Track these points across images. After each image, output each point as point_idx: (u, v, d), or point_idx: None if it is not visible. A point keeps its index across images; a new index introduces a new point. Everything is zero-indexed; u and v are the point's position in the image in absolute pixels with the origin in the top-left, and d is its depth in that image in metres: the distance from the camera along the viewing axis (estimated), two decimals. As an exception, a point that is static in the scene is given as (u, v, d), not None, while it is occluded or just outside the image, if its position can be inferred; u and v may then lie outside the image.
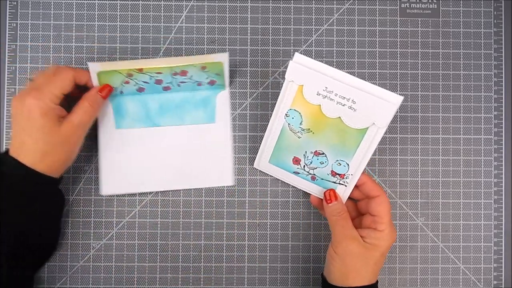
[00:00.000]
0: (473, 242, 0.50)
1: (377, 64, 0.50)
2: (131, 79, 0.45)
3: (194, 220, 0.49)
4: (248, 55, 0.49)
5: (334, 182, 0.45)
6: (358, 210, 0.46)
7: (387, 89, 0.49)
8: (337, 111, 0.41)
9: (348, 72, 0.49)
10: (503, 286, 0.50)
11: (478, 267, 0.50)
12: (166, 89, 0.47)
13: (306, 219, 0.49)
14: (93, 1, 0.49)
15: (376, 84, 0.50)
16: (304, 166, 0.45)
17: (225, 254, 0.49)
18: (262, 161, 0.47)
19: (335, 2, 0.50)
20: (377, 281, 0.42)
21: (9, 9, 0.49)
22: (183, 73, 0.45)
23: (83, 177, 0.49)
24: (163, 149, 0.48)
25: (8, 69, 0.49)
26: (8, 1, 0.49)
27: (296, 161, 0.45)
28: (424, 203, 0.50)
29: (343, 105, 0.40)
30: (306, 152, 0.44)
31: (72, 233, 0.48)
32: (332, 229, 0.43)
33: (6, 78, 0.48)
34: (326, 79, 0.40)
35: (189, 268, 0.49)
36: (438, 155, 0.50)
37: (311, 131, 0.43)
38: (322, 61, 0.50)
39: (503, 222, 0.50)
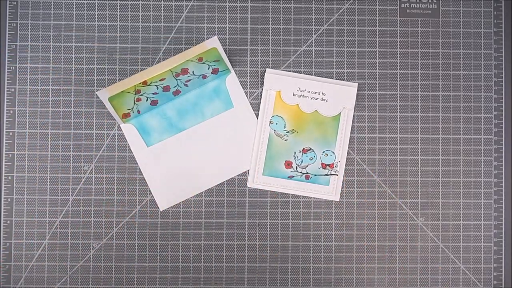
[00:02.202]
0: (473, 242, 0.50)
1: (377, 64, 0.50)
2: (141, 95, 0.46)
3: (194, 220, 0.49)
4: (248, 55, 0.49)
5: (327, 175, 0.48)
6: None
7: (387, 89, 0.50)
8: (313, 105, 0.48)
9: (348, 72, 0.50)
10: (503, 286, 0.50)
11: (478, 267, 0.50)
12: (176, 93, 0.48)
13: (306, 219, 0.49)
14: (93, 1, 0.49)
15: (376, 84, 0.50)
16: (296, 167, 0.48)
17: (225, 254, 0.49)
18: (257, 176, 0.48)
19: (335, 2, 0.50)
20: None
21: (9, 9, 0.49)
22: (184, 71, 0.45)
23: (83, 177, 0.49)
24: (196, 149, 0.49)
25: (8, 69, 0.49)
26: (8, 1, 0.49)
27: (288, 164, 0.48)
28: (424, 203, 0.50)
29: (316, 99, 0.48)
30: (295, 152, 0.48)
31: (72, 233, 0.48)
32: None
33: (6, 78, 0.48)
34: (297, 80, 0.48)
35: (189, 268, 0.49)
36: (438, 155, 0.50)
37: (295, 131, 0.48)
38: (322, 61, 0.50)
39: (503, 222, 0.50)
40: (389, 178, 0.50)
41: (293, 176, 0.48)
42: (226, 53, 0.47)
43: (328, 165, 0.48)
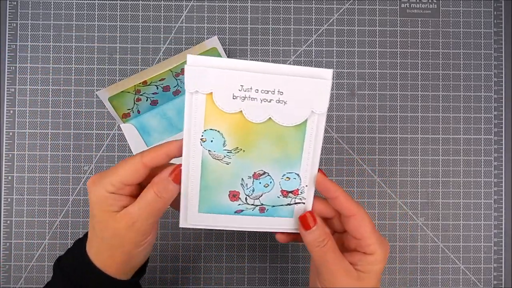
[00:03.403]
0: (473, 242, 0.50)
1: (377, 64, 0.50)
2: (140, 95, 0.45)
3: (194, 220, 0.49)
4: (248, 55, 0.49)
5: (289, 204, 0.35)
6: (331, 228, 0.37)
7: (387, 89, 0.50)
8: (265, 112, 0.32)
9: (348, 72, 0.50)
10: (503, 286, 0.50)
11: (478, 267, 0.50)
12: (176, 93, 0.48)
13: (306, 219, 0.49)
14: (93, 1, 0.49)
15: (376, 84, 0.50)
16: (246, 199, 0.35)
17: (225, 254, 0.49)
18: (190, 215, 0.35)
19: (335, 2, 0.50)
20: None
21: (9, 9, 0.49)
22: (184, 71, 0.45)
23: (83, 177, 0.49)
24: None
25: (8, 69, 0.49)
26: (8, 1, 0.49)
27: (234, 196, 0.34)
28: (424, 203, 0.50)
29: (270, 101, 0.31)
30: (242, 179, 0.34)
31: (72, 233, 0.48)
32: (318, 263, 0.34)
33: (6, 78, 0.48)
34: (239, 74, 0.31)
35: (189, 268, 0.49)
36: (438, 155, 0.50)
37: (241, 149, 0.33)
38: (322, 61, 0.50)
39: (503, 222, 0.50)
40: (389, 178, 0.50)
41: (242, 211, 0.35)
42: (226, 53, 0.47)
43: (291, 191, 0.34)
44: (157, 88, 0.46)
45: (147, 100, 0.47)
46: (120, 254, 0.33)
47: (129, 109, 0.47)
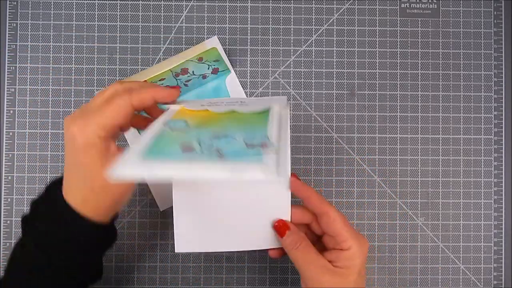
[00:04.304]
0: (473, 242, 0.50)
1: (377, 64, 0.50)
2: None
3: (194, 220, 0.49)
4: (248, 55, 0.49)
5: (256, 155, 0.28)
6: (313, 232, 0.39)
7: (387, 89, 0.50)
8: (228, 107, 0.34)
9: (348, 72, 0.50)
10: (503, 286, 0.50)
11: (478, 267, 0.50)
12: None
13: (306, 219, 0.49)
14: (93, 1, 0.49)
15: (376, 84, 0.50)
16: (202, 151, 0.29)
17: (225, 254, 0.49)
18: (130, 160, 0.28)
19: (335, 2, 0.50)
20: None
21: (9, 9, 0.49)
22: (184, 71, 0.45)
23: (83, 177, 0.49)
24: None
25: (8, 69, 0.49)
26: (8, 1, 0.49)
27: (188, 148, 0.29)
28: (424, 203, 0.50)
29: (233, 105, 0.35)
30: (200, 139, 0.30)
31: (72, 233, 0.48)
32: (297, 265, 0.36)
33: (6, 78, 0.48)
34: (202, 102, 0.35)
35: (189, 268, 0.49)
36: (438, 155, 0.50)
37: (203, 125, 0.32)
38: (322, 61, 0.50)
39: (503, 222, 0.50)
40: (389, 178, 0.50)
41: (196, 158, 0.28)
42: (226, 53, 0.47)
43: (257, 145, 0.29)
44: None
45: None
46: (109, 200, 0.33)
47: None
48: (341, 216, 0.36)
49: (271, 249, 0.39)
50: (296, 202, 0.38)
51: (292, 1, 0.50)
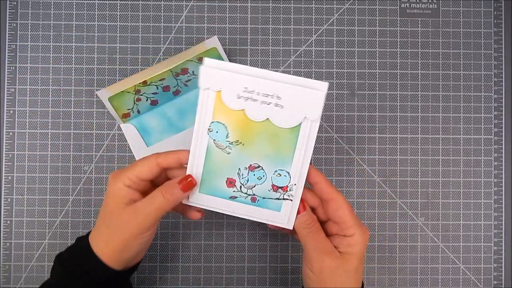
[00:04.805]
0: (473, 242, 0.50)
1: (377, 64, 0.50)
2: (140, 95, 0.46)
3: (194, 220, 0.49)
4: (248, 55, 0.49)
5: (278, 199, 0.38)
6: (318, 217, 0.40)
7: (387, 89, 0.50)
8: (263, 112, 0.36)
9: (348, 72, 0.50)
10: (503, 286, 0.50)
11: (478, 267, 0.50)
12: (176, 93, 0.48)
13: (306, 219, 0.49)
14: (93, 1, 0.49)
15: (376, 84, 0.50)
16: (240, 187, 0.38)
17: (225, 254, 0.49)
18: (192, 194, 0.39)
19: (335, 2, 0.50)
20: (363, 284, 0.40)
21: (9, 9, 0.49)
22: (184, 71, 0.45)
23: (83, 177, 0.49)
24: None
25: (8, 69, 0.49)
26: (8, 1, 0.49)
27: (231, 183, 0.38)
28: (424, 203, 0.50)
29: (268, 104, 0.36)
30: (239, 169, 0.38)
31: (72, 233, 0.48)
32: (304, 244, 0.38)
33: (6, 78, 0.48)
34: (244, 78, 0.35)
35: (189, 268, 0.49)
36: (438, 155, 0.50)
37: (241, 142, 0.37)
38: (322, 61, 0.50)
39: (503, 222, 0.50)
40: (389, 178, 0.50)
41: (236, 197, 0.39)
42: (226, 53, 0.47)
43: (281, 187, 0.38)
44: (157, 88, 0.46)
45: (147, 100, 0.47)
46: (117, 242, 0.36)
47: (129, 109, 0.47)
48: (347, 203, 0.38)
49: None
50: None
51: (292, 1, 0.50)
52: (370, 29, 0.50)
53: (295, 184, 0.38)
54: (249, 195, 0.39)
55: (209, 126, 0.37)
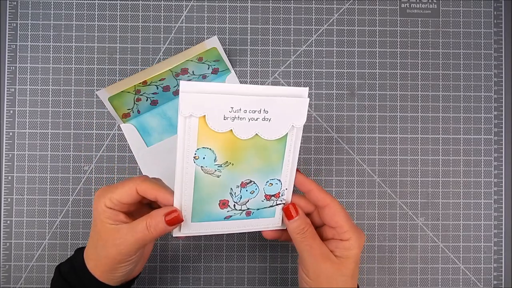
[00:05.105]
0: (473, 242, 0.50)
1: (377, 64, 0.50)
2: (140, 95, 0.45)
3: (194, 220, 0.49)
4: (248, 55, 0.49)
5: (272, 206, 0.39)
6: (312, 223, 0.40)
7: (387, 89, 0.50)
8: (252, 129, 0.35)
9: (348, 72, 0.50)
10: (503, 286, 0.50)
11: (478, 267, 0.50)
12: (176, 93, 0.48)
13: (306, 219, 0.49)
14: (93, 1, 0.49)
15: (376, 84, 0.50)
16: (234, 205, 0.38)
17: (225, 254, 0.49)
18: (184, 225, 0.37)
19: (335, 2, 0.50)
20: (358, 287, 0.40)
21: (9, 9, 0.49)
22: (184, 71, 0.45)
23: (83, 177, 0.49)
24: None
25: (8, 69, 0.49)
26: (8, 1, 0.49)
27: (224, 204, 0.38)
28: (424, 203, 0.50)
29: (256, 119, 0.35)
30: (231, 189, 0.37)
31: (72, 233, 0.48)
32: (299, 250, 0.38)
33: (6, 78, 0.48)
34: (229, 98, 0.34)
35: (189, 268, 0.49)
36: (438, 155, 0.50)
37: (230, 163, 0.36)
38: (322, 61, 0.50)
39: (503, 222, 0.50)
40: (389, 178, 0.50)
41: (231, 216, 0.38)
42: (226, 53, 0.47)
43: (273, 195, 0.38)
44: (157, 88, 0.46)
45: (147, 100, 0.47)
46: (104, 263, 0.36)
47: (129, 109, 0.47)
48: (342, 208, 0.38)
49: (267, 231, 0.41)
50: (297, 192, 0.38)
51: (292, 1, 0.50)
52: (370, 29, 0.50)
53: (286, 189, 0.39)
54: (243, 210, 0.38)
55: (195, 154, 0.35)
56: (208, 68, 0.46)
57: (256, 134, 0.35)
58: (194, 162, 0.35)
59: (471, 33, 0.50)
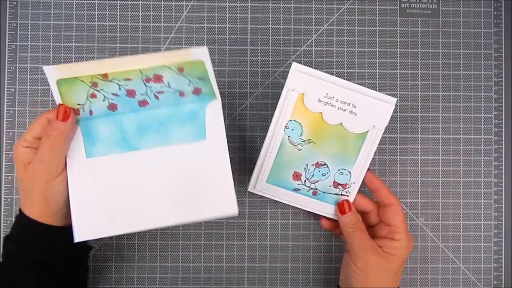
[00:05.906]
0: (473, 242, 0.50)
1: (377, 64, 0.50)
2: (97, 90, 0.37)
3: (194, 220, 0.49)
4: (248, 55, 0.49)
5: (336, 194, 0.43)
6: (367, 222, 0.44)
7: (387, 89, 0.50)
8: (338, 117, 0.41)
9: (348, 72, 0.50)
10: (503, 286, 0.50)
11: (478, 267, 0.50)
12: (143, 104, 0.39)
13: (306, 219, 0.49)
14: (93, 1, 0.49)
15: (376, 84, 0.50)
16: (305, 181, 0.43)
17: (225, 254, 0.49)
18: (260, 182, 0.43)
19: (335, 2, 0.50)
20: None
21: (9, 9, 0.49)
22: (157, 78, 0.37)
23: (83, 177, 0.49)
24: (145, 177, 0.39)
25: (8, 69, 0.49)
26: (8, 1, 0.49)
27: (297, 176, 0.43)
28: (424, 203, 0.50)
29: (344, 110, 0.41)
30: (307, 165, 0.42)
31: (72, 233, 0.48)
32: (350, 242, 0.42)
33: (6, 78, 0.49)
34: (327, 85, 0.40)
35: (189, 268, 0.49)
36: (438, 155, 0.50)
37: (312, 141, 0.42)
38: (322, 61, 0.50)
39: (503, 222, 0.50)
40: (389, 178, 0.50)
41: (299, 190, 0.43)
42: (225, 54, 0.47)
43: (341, 184, 0.43)
44: (120, 88, 0.37)
45: (104, 101, 0.38)
46: (36, 197, 0.38)
47: (79, 105, 0.38)
48: (403, 211, 0.42)
49: (326, 218, 0.45)
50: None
51: (292, 1, 0.50)
52: (370, 29, 0.50)
53: (353, 183, 0.43)
54: (312, 188, 0.43)
55: (287, 124, 0.41)
56: (189, 85, 0.38)
57: (341, 123, 0.41)
58: (284, 131, 0.42)
59: (471, 33, 0.50)
